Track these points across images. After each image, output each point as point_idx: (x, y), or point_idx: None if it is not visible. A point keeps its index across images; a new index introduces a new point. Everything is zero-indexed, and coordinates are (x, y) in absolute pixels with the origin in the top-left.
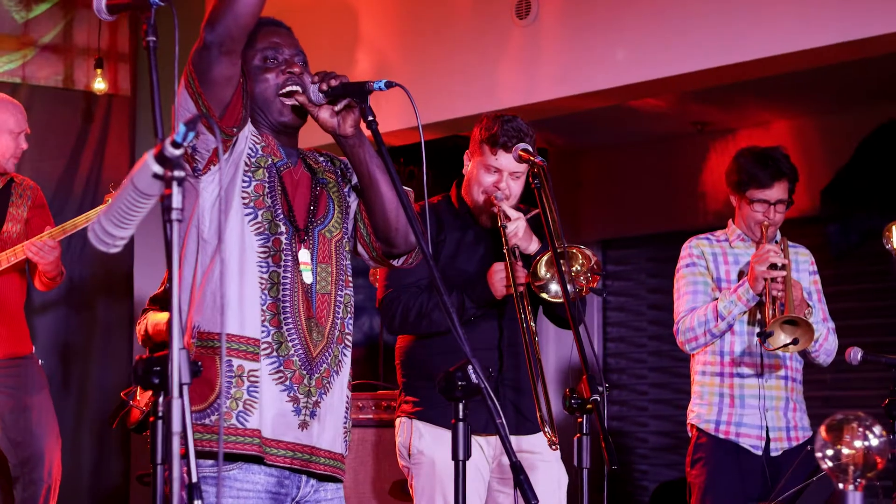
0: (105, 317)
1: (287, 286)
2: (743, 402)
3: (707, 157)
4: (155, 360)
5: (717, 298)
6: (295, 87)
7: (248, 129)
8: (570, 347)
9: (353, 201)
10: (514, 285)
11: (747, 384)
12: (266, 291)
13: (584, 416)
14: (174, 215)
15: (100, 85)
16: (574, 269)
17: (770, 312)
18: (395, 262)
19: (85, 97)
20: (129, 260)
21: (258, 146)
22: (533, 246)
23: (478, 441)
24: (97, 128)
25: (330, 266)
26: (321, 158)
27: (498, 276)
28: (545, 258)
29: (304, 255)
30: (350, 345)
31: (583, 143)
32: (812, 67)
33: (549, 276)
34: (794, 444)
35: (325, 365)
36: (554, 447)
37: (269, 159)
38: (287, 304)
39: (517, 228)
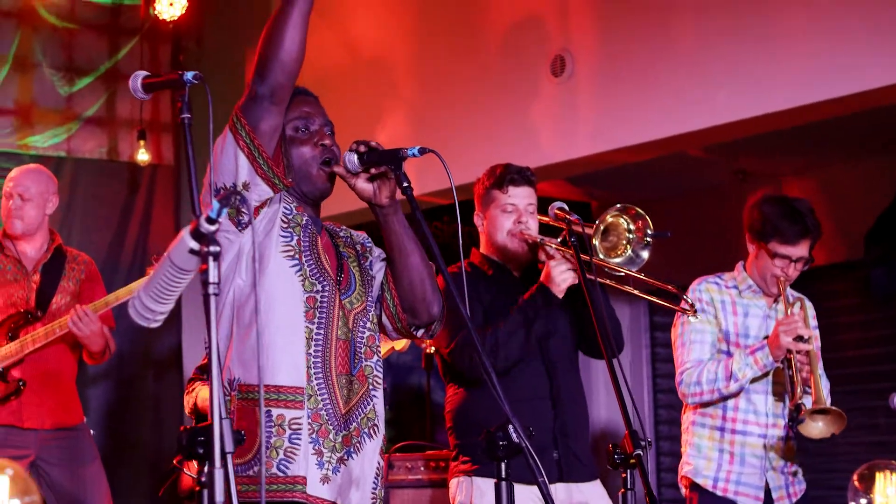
0: (155, 387)
1: (319, 342)
2: (743, 461)
3: None
4: (199, 431)
5: (721, 350)
6: (329, 159)
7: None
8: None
9: (379, 272)
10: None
11: (749, 443)
12: (306, 343)
13: (629, 471)
14: (212, 289)
15: (143, 156)
16: (629, 235)
17: (798, 390)
18: (417, 333)
19: (129, 168)
20: (177, 331)
21: (291, 205)
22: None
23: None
24: (142, 198)
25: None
26: (341, 232)
27: (558, 269)
28: (598, 233)
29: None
30: (381, 413)
31: (625, 197)
32: (849, 113)
33: (614, 240)
34: (794, 499)
35: (354, 424)
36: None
37: (304, 218)
38: (318, 360)
39: (554, 243)
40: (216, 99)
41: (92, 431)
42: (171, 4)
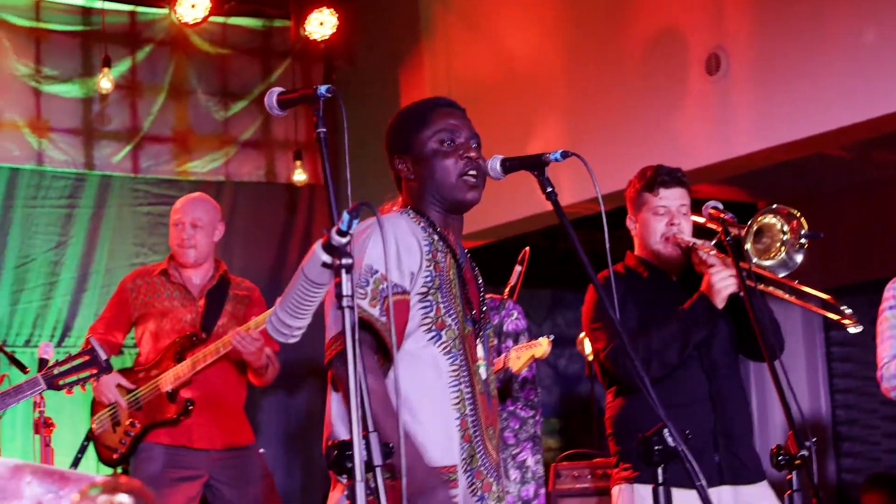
0: (320, 400)
1: (470, 398)
2: None
3: None
4: (347, 445)
5: None
6: (473, 172)
7: (421, 255)
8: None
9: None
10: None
11: None
12: (458, 409)
13: (794, 472)
14: (345, 302)
15: (300, 176)
16: (783, 237)
17: None
18: None
19: (287, 189)
20: None
21: (432, 260)
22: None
23: None
24: (301, 218)
25: (491, 369)
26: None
27: (718, 277)
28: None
29: (479, 349)
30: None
31: (786, 195)
32: None
33: (767, 242)
34: None
35: (503, 466)
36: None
37: (442, 265)
38: (473, 417)
39: (707, 247)
40: (373, 117)
41: (262, 450)
42: (321, 24)
